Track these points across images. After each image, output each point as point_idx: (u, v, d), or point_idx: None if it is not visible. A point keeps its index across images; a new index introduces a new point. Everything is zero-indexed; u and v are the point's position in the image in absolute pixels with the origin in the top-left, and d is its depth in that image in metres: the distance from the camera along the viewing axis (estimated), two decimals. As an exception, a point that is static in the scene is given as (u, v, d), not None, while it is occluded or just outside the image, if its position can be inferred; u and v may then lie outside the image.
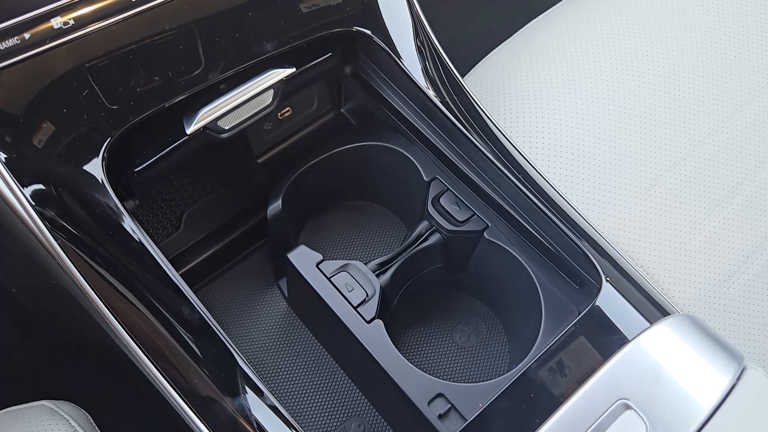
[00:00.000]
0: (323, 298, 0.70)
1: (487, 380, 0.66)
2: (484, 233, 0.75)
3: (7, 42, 0.54)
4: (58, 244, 0.55)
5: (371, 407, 0.79)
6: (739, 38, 0.96)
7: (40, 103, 0.56)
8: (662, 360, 0.56)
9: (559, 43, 0.94)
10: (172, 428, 0.59)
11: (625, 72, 0.90)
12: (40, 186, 0.55)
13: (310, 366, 0.81)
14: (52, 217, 0.55)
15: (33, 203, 0.54)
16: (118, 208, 0.58)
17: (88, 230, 0.57)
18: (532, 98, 0.88)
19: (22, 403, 0.65)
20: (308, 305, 0.79)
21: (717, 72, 0.93)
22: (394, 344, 0.67)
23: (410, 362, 0.66)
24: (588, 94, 0.88)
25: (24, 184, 0.55)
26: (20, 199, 0.54)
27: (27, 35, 0.55)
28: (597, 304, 0.63)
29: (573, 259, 0.69)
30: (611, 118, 0.87)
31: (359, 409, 0.79)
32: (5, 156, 0.55)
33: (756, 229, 0.84)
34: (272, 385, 0.80)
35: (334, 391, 0.80)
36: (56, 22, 0.55)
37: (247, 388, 0.57)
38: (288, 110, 0.84)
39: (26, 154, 0.56)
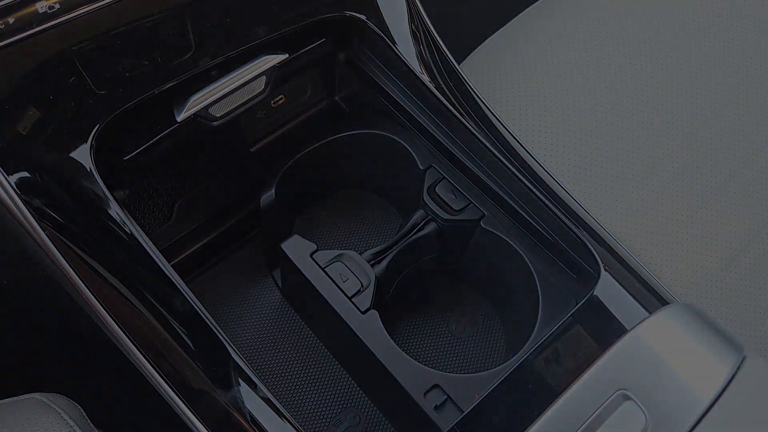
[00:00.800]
0: (317, 288, 0.70)
1: (483, 371, 0.65)
2: (481, 222, 0.74)
3: (-10, 26, 0.52)
4: (46, 234, 0.54)
5: (367, 399, 0.78)
6: (736, 26, 0.95)
7: (25, 89, 0.55)
8: (661, 350, 0.55)
9: (556, 30, 0.93)
10: (166, 421, 0.59)
11: (622, 59, 0.90)
12: (26, 174, 0.54)
13: (305, 357, 0.81)
14: (38, 206, 0.54)
15: (18, 192, 0.53)
16: (107, 196, 0.57)
17: (76, 220, 0.56)
18: (529, 86, 0.87)
19: (13, 396, 0.64)
20: (302, 296, 0.78)
21: (715, 60, 0.92)
22: (390, 335, 0.67)
23: (406, 353, 0.66)
24: (585, 81, 0.87)
25: (9, 172, 0.53)
26: (5, 187, 0.53)
27: (11, 19, 0.54)
28: (595, 293, 0.62)
29: (571, 248, 0.68)
30: (608, 105, 0.86)
31: (355, 400, 0.78)
32: (-11, 143, 0.53)
33: (753, 216, 0.84)
34: (266, 377, 0.79)
35: (329, 382, 0.79)
36: (41, 6, 0.54)
37: (240, 381, 0.56)
38: (281, 98, 0.83)
39: (11, 141, 0.54)
